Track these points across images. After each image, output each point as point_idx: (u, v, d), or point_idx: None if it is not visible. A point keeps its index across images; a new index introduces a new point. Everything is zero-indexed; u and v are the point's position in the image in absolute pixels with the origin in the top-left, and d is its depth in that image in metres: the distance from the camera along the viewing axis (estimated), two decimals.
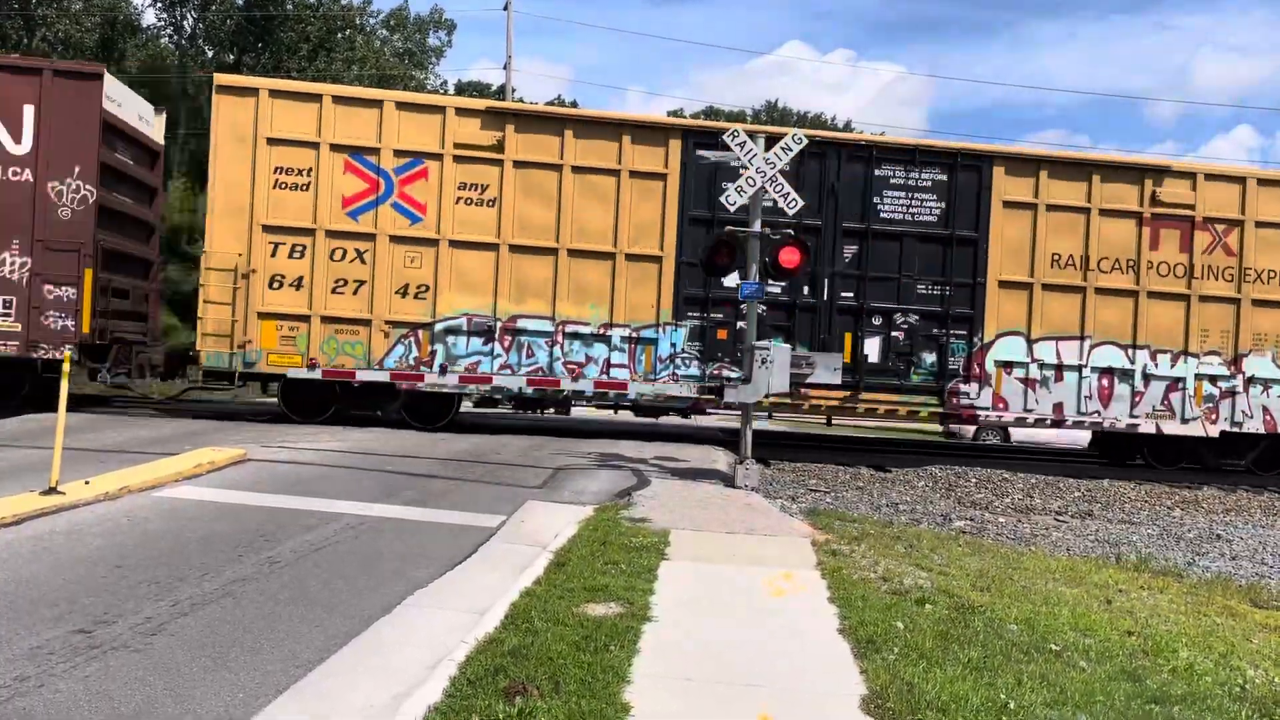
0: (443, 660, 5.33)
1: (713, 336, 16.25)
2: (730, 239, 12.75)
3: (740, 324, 14.93)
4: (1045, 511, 13.69)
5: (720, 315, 16.29)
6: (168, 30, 40.18)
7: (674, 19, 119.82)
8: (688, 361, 16.25)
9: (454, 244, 15.89)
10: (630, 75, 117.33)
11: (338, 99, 15.98)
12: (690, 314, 16.28)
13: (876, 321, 16.60)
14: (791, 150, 12.51)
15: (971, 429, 24.36)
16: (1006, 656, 6.03)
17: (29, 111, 14.88)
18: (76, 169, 14.99)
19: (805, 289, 16.39)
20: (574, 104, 58.91)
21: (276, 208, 15.62)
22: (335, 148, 15.70)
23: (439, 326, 15.85)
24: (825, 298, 16.46)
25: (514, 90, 37.32)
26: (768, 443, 17.68)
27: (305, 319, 15.64)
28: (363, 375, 15.74)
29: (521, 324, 16.02)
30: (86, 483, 9.47)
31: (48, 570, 6.84)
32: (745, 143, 12.49)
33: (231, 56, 37.60)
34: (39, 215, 14.87)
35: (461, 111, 16.22)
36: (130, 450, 12.04)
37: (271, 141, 15.62)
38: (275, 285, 15.53)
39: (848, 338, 16.49)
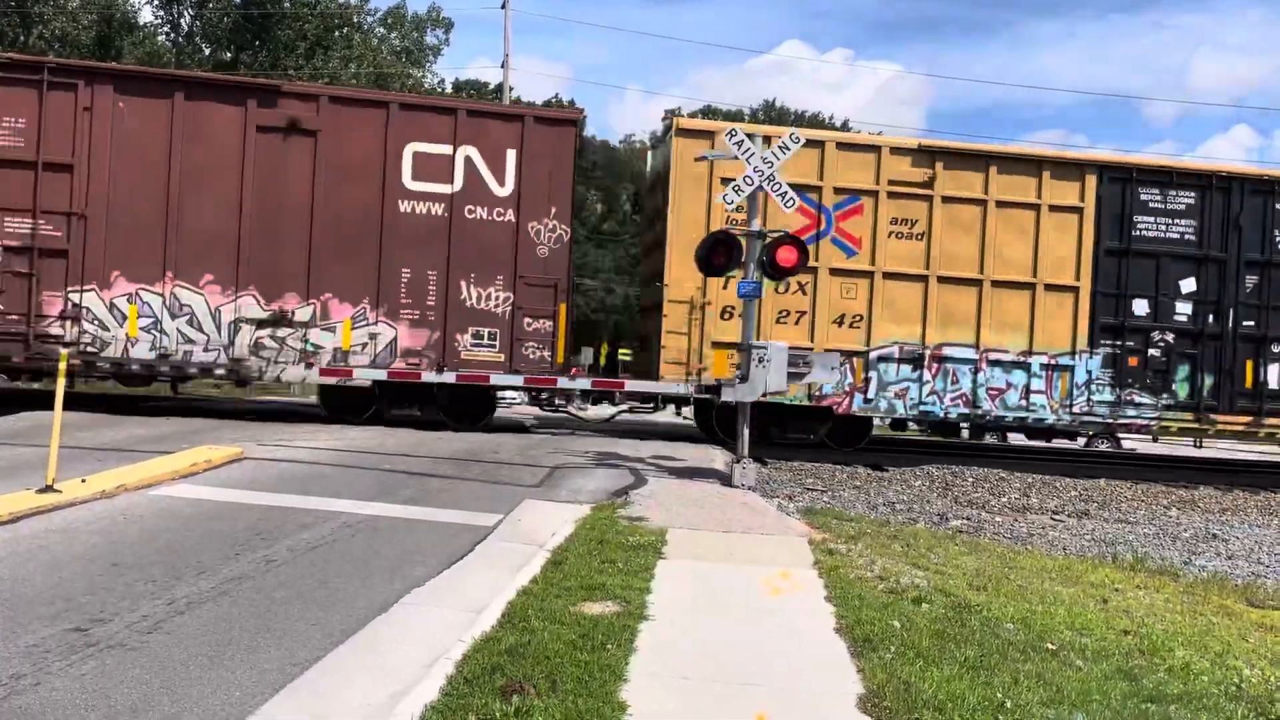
0: (440, 659, 5.33)
1: (1124, 363, 17.08)
2: (728, 239, 12.76)
3: (1151, 351, 16.90)
4: (1042, 511, 13.71)
5: (1133, 343, 17.09)
6: (164, 28, 40.13)
7: (673, 18, 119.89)
8: (1100, 388, 17.01)
9: (886, 276, 16.77)
10: (629, 74, 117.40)
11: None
12: (1104, 342, 17.05)
13: (1276, 349, 17.28)
14: (789, 149, 12.52)
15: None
16: (1003, 655, 6.04)
17: (511, 155, 15.94)
18: (553, 209, 16.07)
19: (1210, 318, 17.15)
20: (571, 103, 58.86)
21: None
22: None
23: (873, 354, 16.77)
24: (1229, 326, 17.15)
25: (511, 89, 37.30)
26: (765, 442, 17.66)
27: None
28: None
29: (947, 351, 16.87)
30: (83, 481, 9.45)
31: (44, 568, 6.83)
32: (743, 142, 12.50)
33: (229, 54, 37.56)
34: (520, 253, 15.95)
35: (895, 150, 16.98)
36: (127, 448, 12.02)
37: (725, 181, 16.21)
38: (726, 316, 16.43)
39: (1249, 365, 17.21)
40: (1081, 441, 22.70)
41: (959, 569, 8.59)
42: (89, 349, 15.21)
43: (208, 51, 38.77)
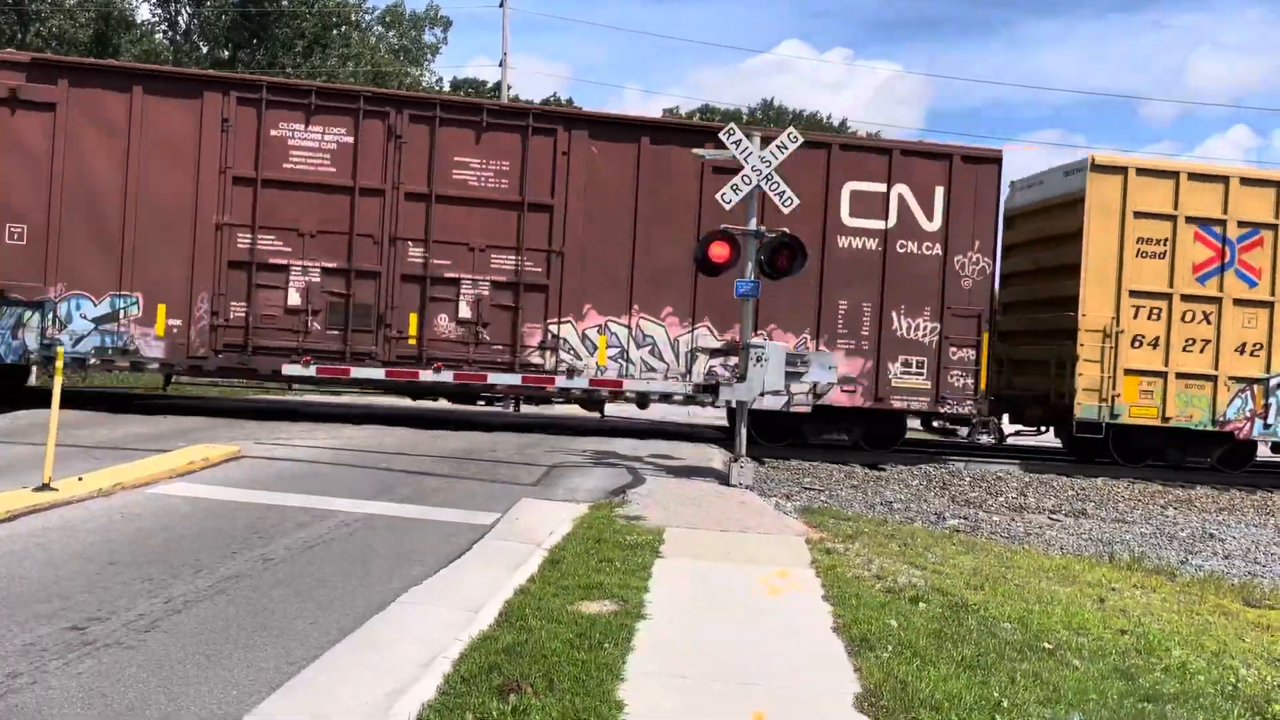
0: (437, 658, 5.33)
1: None
2: (730, 239, 12.74)
3: None
4: (1039, 510, 13.73)
5: None
6: (162, 26, 40.08)
7: (671, 17, 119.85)
8: None
9: None
10: (627, 73, 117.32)
11: (1191, 176, 17.48)
12: None
13: None
14: (787, 149, 12.52)
15: (967, 429, 24.39)
16: (1000, 655, 6.04)
17: (939, 192, 16.72)
18: (976, 243, 16.87)
19: None
20: (569, 101, 58.78)
21: (1138, 274, 17.19)
22: (1189, 220, 17.24)
23: (1273, 381, 17.38)
24: None
25: (509, 88, 37.27)
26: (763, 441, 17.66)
27: (1162, 375, 17.24)
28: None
29: None
30: (80, 479, 9.44)
31: (41, 567, 6.82)
32: (741, 141, 12.49)
33: (226, 53, 37.52)
34: (947, 284, 16.72)
35: None
36: (124, 447, 12.01)
37: (1139, 215, 17.15)
38: (1136, 345, 17.17)
39: None
40: None
41: (956, 568, 8.59)
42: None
43: (205, 50, 38.72)
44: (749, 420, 12.98)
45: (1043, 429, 19.50)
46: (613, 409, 19.00)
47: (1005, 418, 19.31)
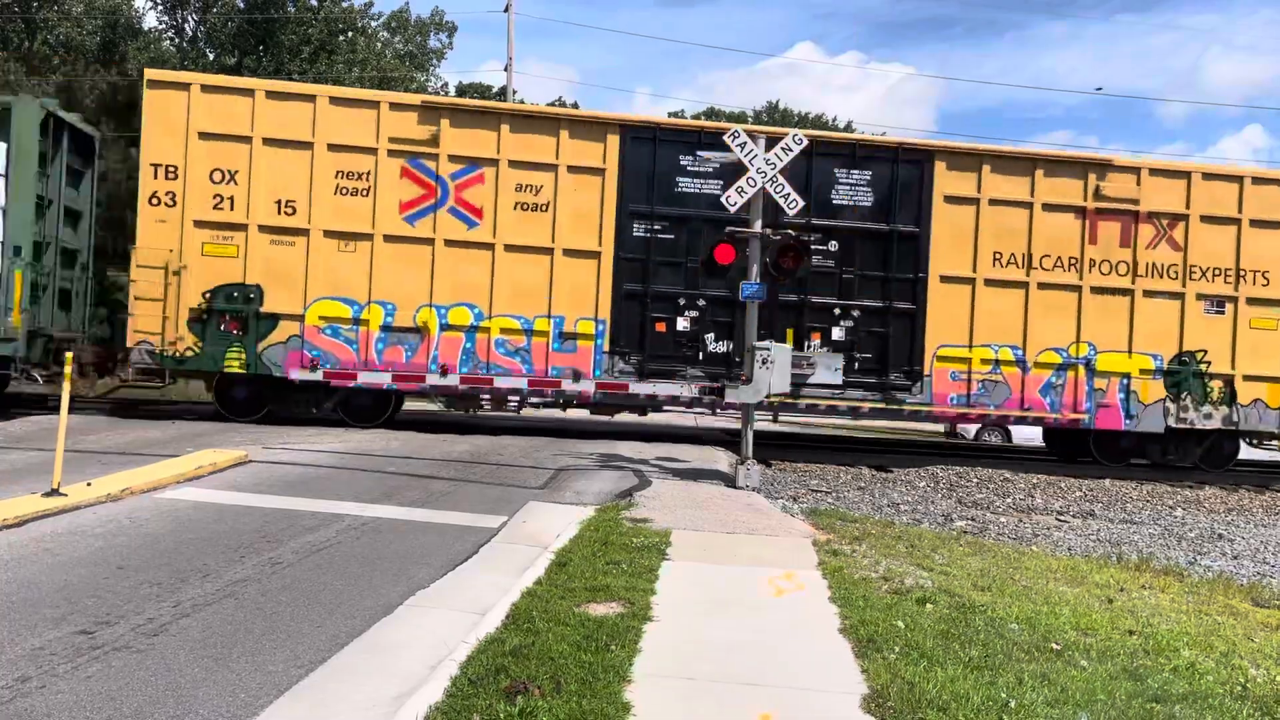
0: (444, 660, 5.34)
1: None
2: (732, 241, 12.76)
3: None
4: (1047, 511, 13.69)
5: None
6: (169, 33, 40.21)
7: (680, 20, 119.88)
8: None
9: None
10: (636, 77, 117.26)
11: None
12: None
13: None
14: (792, 151, 12.51)
15: (974, 429, 24.34)
16: (1007, 655, 6.03)
17: None
18: None
19: None
20: (575, 105, 58.80)
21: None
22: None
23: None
24: None
25: (514, 92, 37.31)
26: (769, 443, 17.67)
27: None
28: None
29: None
30: (88, 484, 9.48)
31: (50, 571, 6.85)
32: (745, 143, 12.49)
33: (233, 59, 37.63)
34: None
35: None
36: (132, 452, 12.05)
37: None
38: None
39: None
40: None
41: (963, 569, 8.58)
42: None
43: (212, 57, 38.84)
44: None
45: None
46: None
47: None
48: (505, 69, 36.27)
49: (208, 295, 15.87)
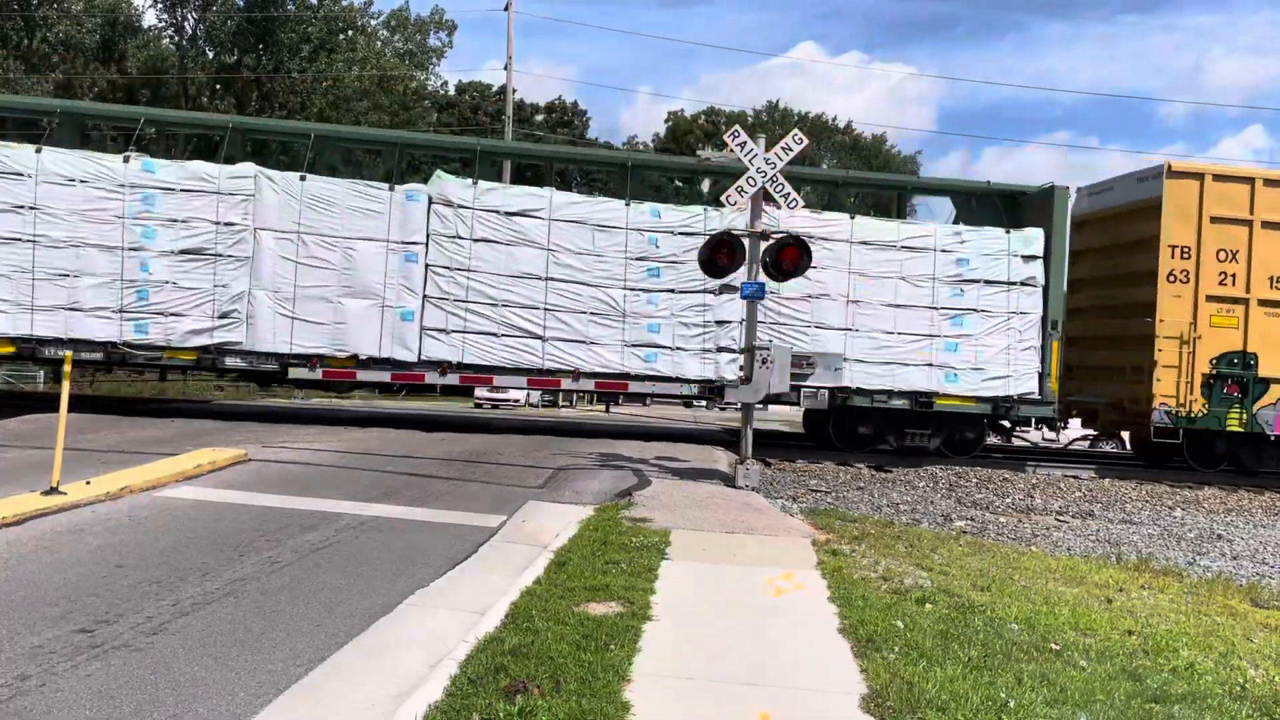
0: (443, 659, 5.34)
1: None
2: (731, 240, 12.76)
3: None
4: (1046, 511, 13.69)
5: None
6: (168, 31, 40.20)
7: (682, 20, 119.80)
8: None
9: None
10: (638, 76, 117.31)
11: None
12: None
13: None
14: (792, 150, 12.51)
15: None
16: (1007, 655, 6.03)
17: None
18: None
19: None
20: (574, 105, 58.79)
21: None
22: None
23: None
24: None
25: (514, 91, 37.29)
26: (768, 443, 17.68)
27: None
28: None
29: None
30: (88, 483, 9.48)
31: (49, 570, 6.85)
32: (746, 143, 12.49)
33: (232, 58, 37.63)
34: None
35: None
36: (131, 451, 12.05)
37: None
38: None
39: None
40: None
41: (963, 569, 8.58)
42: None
43: (211, 55, 38.83)
44: None
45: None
46: (617, 409, 19.03)
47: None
48: (505, 68, 36.25)
49: (1213, 362, 17.50)
